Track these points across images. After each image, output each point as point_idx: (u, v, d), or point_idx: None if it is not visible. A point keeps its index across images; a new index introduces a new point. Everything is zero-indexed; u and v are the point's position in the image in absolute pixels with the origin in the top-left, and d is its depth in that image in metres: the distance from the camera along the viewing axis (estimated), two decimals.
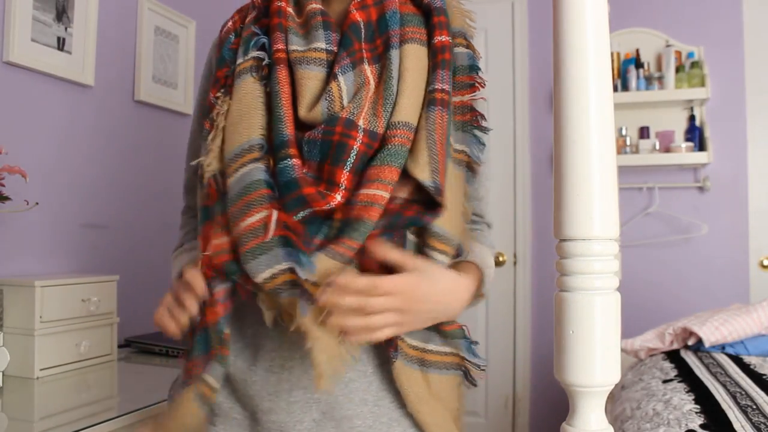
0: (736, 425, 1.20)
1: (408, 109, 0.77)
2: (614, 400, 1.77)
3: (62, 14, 1.76)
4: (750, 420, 1.22)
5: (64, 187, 1.78)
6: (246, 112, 0.77)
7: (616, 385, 0.93)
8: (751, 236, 2.56)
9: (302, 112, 0.76)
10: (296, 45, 0.80)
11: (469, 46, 0.86)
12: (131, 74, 2.03)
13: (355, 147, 0.74)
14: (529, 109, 2.87)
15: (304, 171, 0.74)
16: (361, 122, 0.75)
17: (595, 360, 0.54)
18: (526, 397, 2.81)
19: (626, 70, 2.63)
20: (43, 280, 1.47)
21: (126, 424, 1.21)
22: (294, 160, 0.73)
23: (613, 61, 2.65)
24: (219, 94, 0.81)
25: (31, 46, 1.65)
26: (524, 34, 2.88)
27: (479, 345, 0.91)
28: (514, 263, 2.85)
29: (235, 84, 0.79)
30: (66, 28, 1.77)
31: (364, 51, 0.80)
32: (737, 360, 1.80)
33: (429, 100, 0.78)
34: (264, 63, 0.80)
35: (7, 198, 1.42)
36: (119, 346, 1.75)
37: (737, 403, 1.34)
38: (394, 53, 0.79)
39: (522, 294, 2.83)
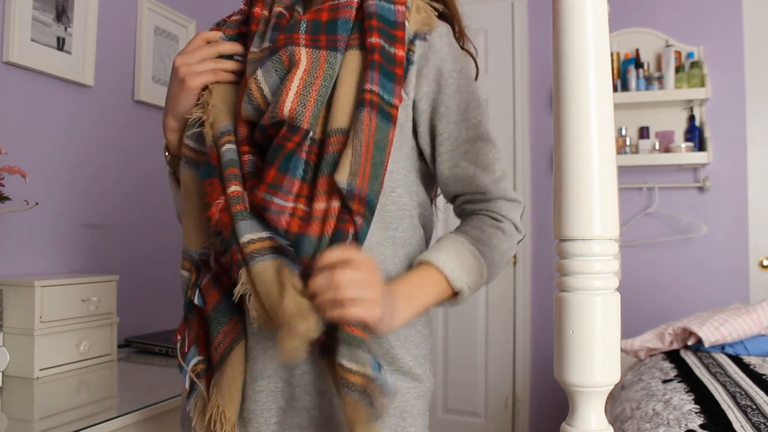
0: (735, 425, 1.20)
1: (343, 115, 0.78)
2: (614, 400, 1.77)
3: (62, 14, 1.76)
4: (750, 420, 1.22)
5: (64, 187, 1.78)
6: (225, 103, 0.86)
7: (616, 385, 0.93)
8: (751, 236, 2.56)
9: (241, 111, 0.82)
10: (255, 47, 0.85)
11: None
12: (131, 74, 2.03)
13: (287, 147, 0.77)
14: (529, 109, 2.87)
15: (249, 169, 0.80)
16: (285, 117, 0.77)
17: (595, 360, 0.54)
18: (526, 398, 2.81)
19: (626, 70, 2.63)
20: (43, 280, 1.47)
21: (126, 424, 1.21)
22: (246, 156, 0.81)
23: (612, 61, 2.65)
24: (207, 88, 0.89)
25: (31, 46, 1.65)
26: (524, 34, 2.88)
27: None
28: (514, 263, 2.85)
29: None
30: (66, 28, 1.77)
31: (300, 37, 0.81)
32: (737, 360, 1.80)
33: (358, 101, 0.78)
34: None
35: (7, 198, 1.42)
36: (119, 346, 1.75)
37: (737, 403, 1.34)
38: (337, 56, 0.80)
39: (522, 294, 2.83)
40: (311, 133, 0.78)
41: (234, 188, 0.77)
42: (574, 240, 0.55)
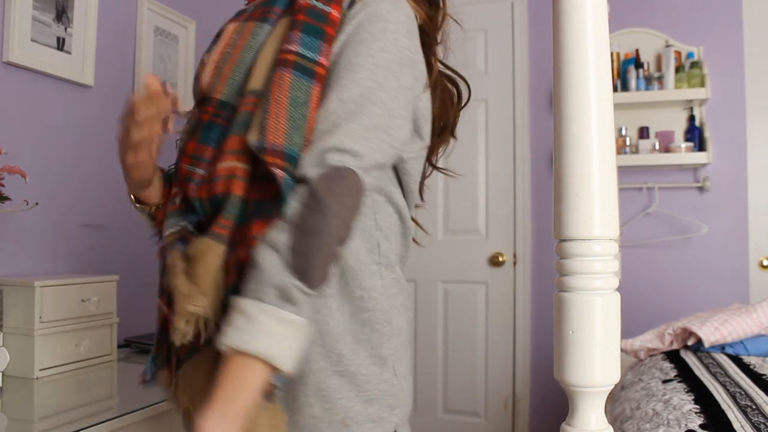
0: (735, 425, 1.20)
1: (259, 78, 0.77)
2: (614, 400, 1.77)
3: (62, 14, 1.75)
4: (749, 420, 1.22)
5: (63, 187, 1.78)
6: None
7: (616, 385, 0.93)
8: (751, 236, 2.56)
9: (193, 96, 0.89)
10: None
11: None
12: (131, 74, 2.03)
13: (203, 119, 0.81)
14: (529, 109, 2.87)
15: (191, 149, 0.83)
16: (212, 94, 0.80)
17: (595, 360, 0.54)
18: (526, 398, 2.81)
19: (626, 70, 2.63)
20: (42, 280, 1.47)
21: (125, 424, 1.21)
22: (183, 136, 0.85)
23: (612, 61, 2.65)
24: None
25: (31, 46, 1.65)
26: (524, 34, 2.88)
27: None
28: (514, 263, 2.85)
29: None
30: (66, 28, 1.77)
31: (242, 18, 0.85)
32: (737, 360, 1.80)
33: (277, 61, 0.77)
34: None
35: (7, 198, 1.42)
36: (119, 346, 1.75)
37: (737, 403, 1.34)
38: (264, 26, 0.81)
39: (522, 294, 2.83)
40: (231, 102, 0.80)
41: (174, 189, 0.84)
42: (574, 240, 0.55)
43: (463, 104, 0.99)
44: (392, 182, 0.86)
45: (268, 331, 0.66)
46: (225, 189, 0.75)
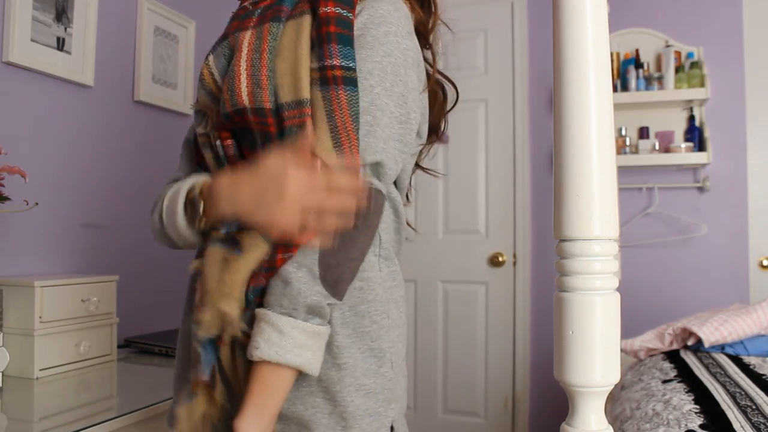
0: (735, 425, 1.20)
1: (293, 88, 0.77)
2: (614, 400, 1.77)
3: (62, 14, 1.76)
4: (749, 420, 1.22)
5: (63, 187, 1.78)
6: None
7: (616, 385, 0.93)
8: (751, 236, 2.56)
9: (199, 99, 0.87)
10: None
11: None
12: (131, 74, 2.03)
13: (271, 132, 0.79)
14: (529, 109, 2.87)
15: (234, 152, 0.83)
16: (246, 103, 0.78)
17: (595, 360, 0.54)
18: (526, 398, 2.81)
19: (626, 71, 2.63)
20: (42, 280, 1.47)
21: (125, 425, 1.21)
22: (226, 141, 0.83)
23: (612, 61, 2.65)
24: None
25: (30, 46, 1.65)
26: (524, 34, 2.88)
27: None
28: (514, 263, 2.85)
29: None
30: (66, 29, 1.77)
31: (252, 22, 0.83)
32: (737, 360, 1.80)
33: (321, 78, 0.76)
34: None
35: (7, 198, 1.42)
36: (119, 346, 1.75)
37: (737, 403, 1.34)
38: (279, 26, 0.80)
39: (522, 294, 2.83)
40: (273, 108, 0.79)
41: None
42: (574, 240, 0.55)
43: (450, 108, 1.00)
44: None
45: (301, 344, 0.72)
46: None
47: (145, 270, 2.04)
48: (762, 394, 1.40)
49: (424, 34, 0.92)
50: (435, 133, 0.98)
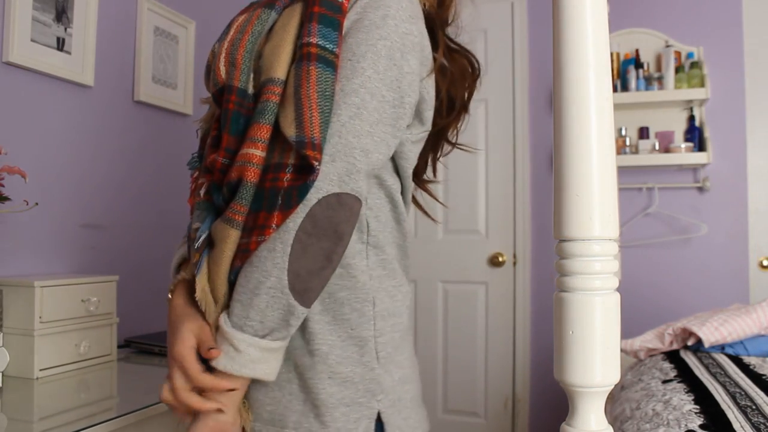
0: (735, 425, 1.20)
1: (275, 66, 0.77)
2: (614, 400, 1.77)
3: (62, 14, 1.75)
4: (749, 420, 1.22)
5: (63, 187, 1.78)
6: None
7: (616, 385, 0.93)
8: (751, 236, 2.56)
9: (209, 88, 0.88)
10: None
11: None
12: (131, 74, 2.03)
13: (230, 109, 0.80)
14: (529, 109, 2.87)
15: (211, 142, 0.85)
16: (232, 83, 0.81)
17: (595, 360, 0.54)
18: (526, 398, 2.81)
19: (626, 71, 2.63)
20: (42, 280, 1.47)
21: (125, 425, 1.20)
22: (212, 133, 0.86)
23: (612, 61, 2.65)
24: None
25: (30, 46, 1.65)
26: (524, 34, 2.88)
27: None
28: (514, 263, 2.85)
29: None
30: (66, 29, 1.77)
31: (252, 9, 0.87)
32: (737, 360, 1.80)
33: (299, 55, 0.76)
34: None
35: (7, 198, 1.42)
36: (119, 347, 1.75)
37: (737, 404, 1.34)
38: (271, 13, 0.83)
39: (522, 294, 2.83)
40: (248, 90, 0.80)
41: (201, 180, 0.86)
42: (573, 240, 0.55)
43: (477, 75, 0.98)
44: (385, 166, 0.86)
45: (256, 359, 0.74)
46: (239, 175, 0.76)
47: (145, 270, 2.04)
48: (762, 394, 1.40)
49: (443, 13, 0.92)
50: (464, 107, 0.98)
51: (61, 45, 1.75)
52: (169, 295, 0.89)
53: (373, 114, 0.77)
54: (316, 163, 0.72)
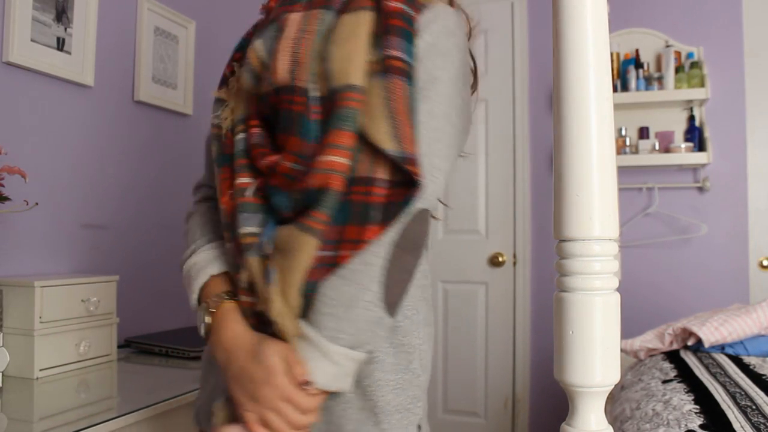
0: (735, 425, 1.20)
1: (351, 72, 0.75)
2: (614, 400, 1.77)
3: (62, 14, 1.76)
4: (749, 420, 1.22)
5: (64, 187, 1.78)
6: (247, 91, 0.85)
7: (616, 385, 0.93)
8: (751, 236, 2.56)
9: (243, 83, 0.84)
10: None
11: None
12: (131, 74, 2.03)
13: (294, 111, 0.77)
14: (529, 109, 2.87)
15: (256, 141, 0.80)
16: (280, 82, 0.78)
17: (595, 360, 0.54)
18: (526, 398, 2.81)
19: (626, 71, 2.63)
20: (43, 280, 1.47)
21: (126, 425, 1.21)
22: (253, 129, 0.81)
23: (612, 61, 2.65)
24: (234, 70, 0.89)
25: (30, 46, 1.65)
26: (524, 34, 2.88)
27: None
28: (514, 263, 2.85)
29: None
30: (66, 29, 1.77)
31: (298, 7, 0.83)
32: (737, 360, 1.80)
33: (384, 69, 0.75)
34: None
35: (7, 198, 1.42)
36: (119, 347, 1.75)
37: (737, 404, 1.34)
38: (328, 14, 0.80)
39: (522, 294, 2.83)
40: (313, 92, 0.77)
41: (242, 180, 0.80)
42: (573, 240, 0.55)
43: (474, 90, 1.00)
44: None
45: (348, 372, 0.75)
46: (323, 183, 0.73)
47: (145, 270, 2.04)
48: (762, 394, 1.40)
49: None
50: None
51: (61, 45, 1.75)
52: (207, 318, 0.80)
53: (450, 139, 0.81)
54: (421, 180, 0.73)
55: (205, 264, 0.84)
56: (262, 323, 0.77)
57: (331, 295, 0.73)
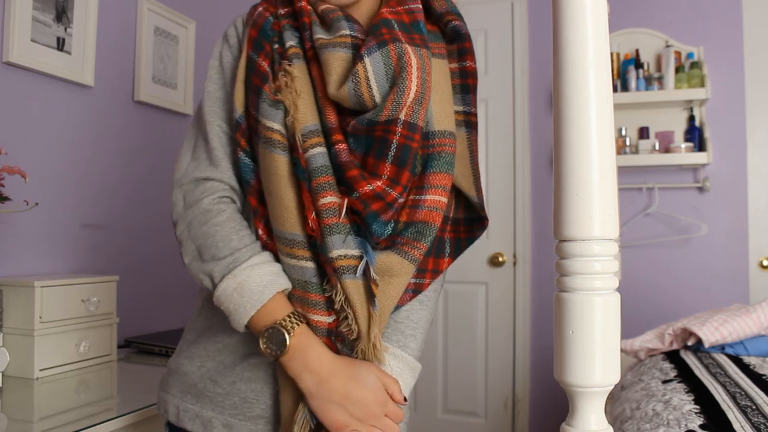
0: (735, 425, 1.20)
1: (445, 120, 0.84)
2: (614, 400, 1.77)
3: (62, 14, 1.76)
4: (749, 420, 1.22)
5: (64, 187, 1.78)
6: (304, 94, 0.82)
7: (616, 385, 0.93)
8: (751, 237, 2.56)
9: (331, 90, 0.79)
10: (321, 35, 0.83)
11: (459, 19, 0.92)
12: (131, 74, 2.03)
13: (395, 141, 0.79)
14: (529, 109, 2.87)
15: (350, 158, 0.79)
16: (402, 116, 0.79)
17: (595, 360, 0.54)
18: (526, 398, 2.81)
19: (626, 71, 2.63)
20: (43, 280, 1.47)
21: (126, 425, 1.21)
22: (340, 145, 0.79)
23: (612, 61, 2.65)
24: (287, 66, 0.83)
25: (30, 46, 1.65)
26: (524, 34, 2.88)
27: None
28: (514, 263, 2.85)
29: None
30: (66, 29, 1.77)
31: (399, 35, 0.82)
32: (737, 360, 1.80)
33: (466, 122, 0.88)
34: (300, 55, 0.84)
35: (7, 198, 1.42)
36: (119, 347, 1.75)
37: (737, 404, 1.34)
38: (429, 55, 0.85)
39: (521, 294, 2.83)
40: (418, 125, 0.83)
41: (328, 199, 0.77)
42: (573, 240, 0.55)
43: None
44: None
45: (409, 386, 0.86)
46: (427, 219, 0.81)
47: (145, 270, 2.04)
48: (762, 394, 1.40)
49: None
50: None
51: (61, 45, 1.75)
52: (287, 336, 0.77)
53: None
54: (487, 222, 0.90)
55: (271, 279, 0.80)
56: (332, 342, 0.81)
57: (413, 319, 0.86)
